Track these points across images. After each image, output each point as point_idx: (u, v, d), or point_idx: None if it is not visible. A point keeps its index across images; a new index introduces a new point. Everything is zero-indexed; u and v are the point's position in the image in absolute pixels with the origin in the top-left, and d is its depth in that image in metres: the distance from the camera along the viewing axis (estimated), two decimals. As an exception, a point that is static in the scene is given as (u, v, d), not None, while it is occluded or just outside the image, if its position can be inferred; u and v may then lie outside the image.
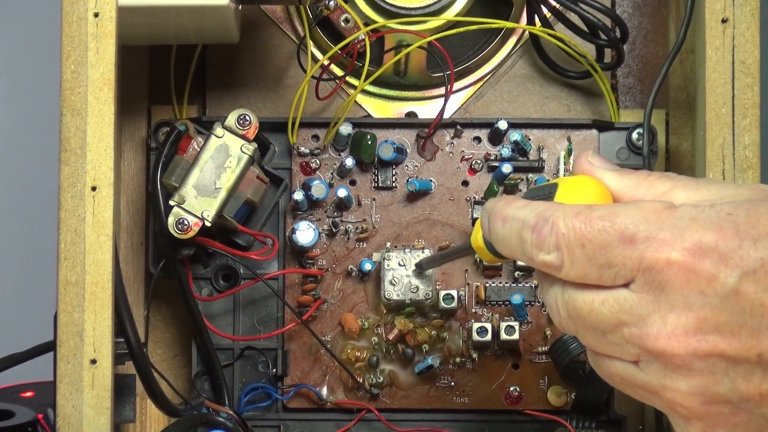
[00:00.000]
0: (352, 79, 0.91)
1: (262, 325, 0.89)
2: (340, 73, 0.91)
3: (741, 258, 0.54)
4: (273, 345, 0.89)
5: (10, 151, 1.62)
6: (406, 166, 0.90)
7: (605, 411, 0.89)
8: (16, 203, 1.61)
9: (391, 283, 0.87)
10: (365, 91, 0.92)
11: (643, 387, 0.58)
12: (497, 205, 0.62)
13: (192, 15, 0.81)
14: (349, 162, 0.88)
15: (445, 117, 0.89)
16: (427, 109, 0.93)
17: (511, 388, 0.89)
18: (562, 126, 0.90)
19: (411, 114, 0.93)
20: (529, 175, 0.89)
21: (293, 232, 0.87)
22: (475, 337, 0.88)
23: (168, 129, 0.86)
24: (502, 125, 0.88)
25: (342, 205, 0.89)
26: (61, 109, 0.77)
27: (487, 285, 0.89)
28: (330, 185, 0.89)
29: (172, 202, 0.83)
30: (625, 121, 0.91)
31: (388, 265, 0.87)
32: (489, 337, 0.88)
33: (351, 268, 0.89)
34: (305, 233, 0.87)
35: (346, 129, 0.88)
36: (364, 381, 0.89)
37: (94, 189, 0.77)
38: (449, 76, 0.89)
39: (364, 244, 0.89)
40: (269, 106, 0.93)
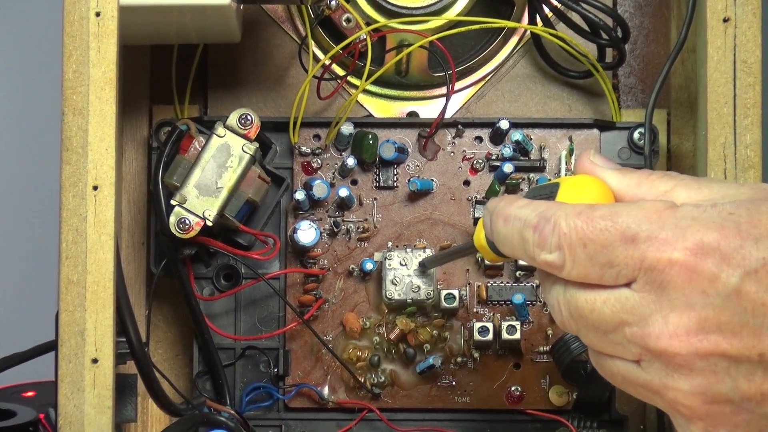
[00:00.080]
0: (353, 79, 0.91)
1: (263, 325, 0.89)
2: (342, 72, 0.91)
3: (743, 258, 0.54)
4: (274, 344, 0.89)
5: (11, 151, 1.62)
6: (408, 165, 0.90)
7: (607, 410, 0.89)
8: (18, 203, 1.61)
9: (392, 283, 0.87)
10: (367, 91, 0.92)
11: (644, 386, 0.58)
12: (499, 204, 0.62)
13: (193, 14, 0.81)
14: (350, 161, 0.88)
15: (447, 116, 0.89)
16: (428, 109, 0.93)
17: (512, 388, 0.89)
18: (563, 126, 0.89)
19: (412, 114, 0.93)
20: (531, 174, 0.89)
21: (295, 231, 0.87)
22: (477, 337, 0.88)
23: (169, 129, 0.86)
24: (504, 125, 0.88)
25: (343, 205, 0.89)
26: (63, 109, 0.77)
27: (488, 284, 0.89)
28: (331, 185, 0.89)
29: (173, 202, 0.83)
30: (626, 121, 0.91)
31: (390, 265, 0.87)
32: (490, 336, 0.88)
33: (352, 268, 0.89)
34: (307, 233, 0.87)
35: (347, 128, 0.88)
36: (366, 381, 0.89)
37: (95, 188, 0.77)
38: (451, 75, 0.89)
39: (366, 244, 0.89)
40: (271, 106, 0.93)
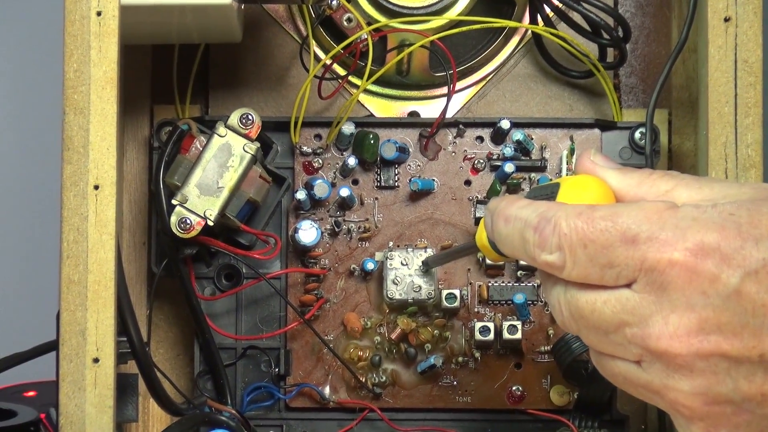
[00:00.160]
0: (354, 79, 0.91)
1: (264, 325, 0.89)
2: (343, 72, 0.91)
3: (743, 258, 0.54)
4: (275, 344, 0.89)
5: (12, 150, 1.62)
6: (409, 165, 0.90)
7: (608, 410, 0.89)
8: (19, 203, 1.61)
9: (393, 283, 0.87)
10: (368, 91, 0.92)
11: (645, 387, 0.58)
12: (500, 204, 0.62)
13: (195, 14, 0.81)
14: (351, 161, 0.88)
15: (448, 116, 0.89)
16: (429, 109, 0.92)
17: (513, 388, 0.89)
18: (564, 125, 0.89)
19: (413, 113, 0.93)
20: (532, 174, 0.89)
21: (296, 231, 0.87)
22: (478, 337, 0.88)
23: (170, 128, 0.86)
24: (505, 125, 0.88)
25: (344, 205, 0.89)
26: (64, 108, 0.77)
27: (489, 284, 0.89)
28: (332, 184, 0.89)
29: (174, 202, 0.83)
30: (627, 121, 0.91)
31: (391, 265, 0.87)
32: (491, 336, 0.88)
33: (353, 268, 0.89)
34: (308, 232, 0.87)
35: (348, 128, 0.88)
36: (367, 380, 0.89)
37: (96, 188, 0.77)
38: (452, 75, 0.89)
39: (367, 244, 0.89)
40: (272, 106, 0.93)
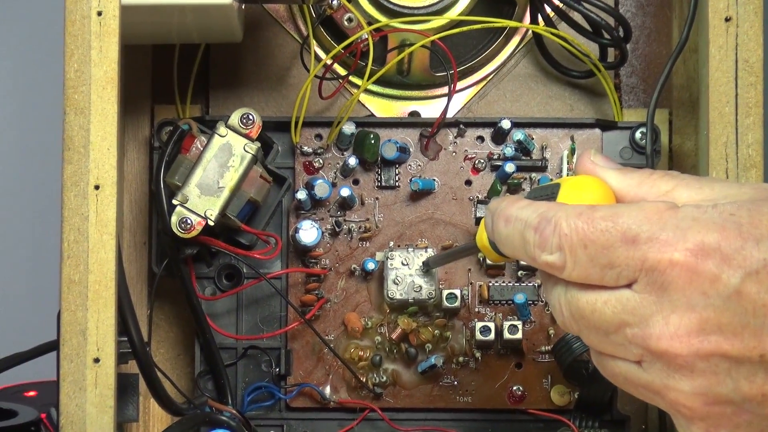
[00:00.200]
0: (355, 79, 0.91)
1: (265, 325, 0.89)
2: (344, 72, 0.91)
3: (744, 258, 0.54)
4: (276, 344, 0.89)
5: (13, 150, 1.62)
6: (409, 165, 0.90)
7: (608, 410, 0.89)
8: (19, 202, 1.61)
9: (394, 283, 0.87)
10: (368, 91, 0.92)
11: (645, 387, 0.58)
12: (500, 205, 0.62)
13: (195, 14, 0.81)
14: (352, 161, 0.88)
15: (449, 116, 0.89)
16: (430, 109, 0.92)
17: (514, 388, 0.89)
18: (565, 125, 0.89)
19: (414, 113, 0.93)
20: (532, 174, 0.89)
21: (296, 231, 0.87)
22: (478, 337, 0.88)
23: (171, 128, 0.86)
24: (506, 124, 0.88)
25: (345, 205, 0.89)
26: (65, 108, 0.77)
27: (490, 284, 0.89)
28: (333, 184, 0.89)
29: (175, 201, 0.83)
30: (628, 121, 0.91)
31: (392, 265, 0.87)
32: (492, 336, 0.88)
33: (354, 268, 0.89)
34: (308, 232, 0.87)
35: (349, 128, 0.88)
36: (367, 380, 0.89)
37: (97, 188, 0.77)
38: (452, 75, 0.89)
39: (367, 244, 0.89)
40: (272, 106, 0.93)
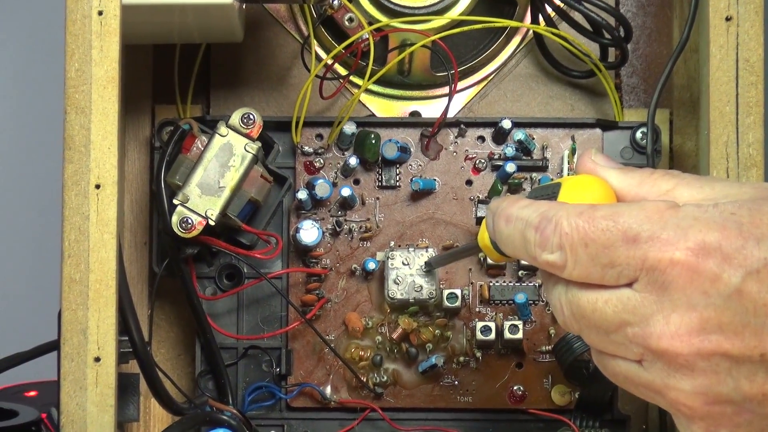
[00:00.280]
0: (356, 79, 0.91)
1: (265, 324, 0.89)
2: (344, 72, 0.91)
3: (744, 258, 0.54)
4: (277, 344, 0.89)
5: (14, 149, 1.63)
6: (410, 165, 0.90)
7: (609, 410, 0.88)
8: (20, 201, 1.61)
9: (395, 282, 0.87)
10: (369, 91, 0.92)
11: (646, 386, 0.58)
12: (501, 204, 0.62)
13: (196, 13, 0.81)
14: (352, 161, 0.88)
15: (449, 116, 0.89)
16: (430, 109, 0.92)
17: (514, 387, 0.89)
18: (565, 125, 0.89)
19: (415, 113, 0.93)
20: (533, 174, 0.89)
21: (297, 231, 0.87)
22: (479, 336, 0.88)
23: (172, 128, 0.86)
24: (506, 124, 0.88)
25: (346, 204, 0.89)
26: (65, 107, 0.77)
27: (490, 284, 0.89)
28: (334, 184, 0.89)
29: (176, 201, 0.83)
30: (629, 121, 0.91)
31: (392, 264, 0.87)
32: (493, 336, 0.88)
33: (355, 267, 0.89)
34: (309, 232, 0.87)
35: (350, 128, 0.88)
36: (368, 380, 0.89)
37: (98, 187, 0.77)
38: (453, 75, 0.89)
39: (368, 243, 0.89)
40: (273, 106, 0.93)
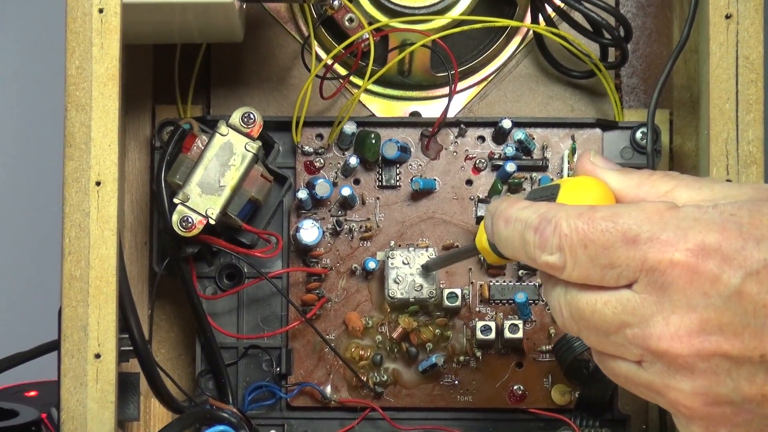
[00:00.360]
0: (356, 79, 0.91)
1: (266, 324, 0.89)
2: (345, 73, 0.91)
3: (744, 259, 0.54)
4: (277, 343, 0.89)
5: (14, 147, 1.63)
6: (410, 165, 0.90)
7: (609, 410, 0.89)
8: (21, 199, 1.61)
9: (395, 282, 0.87)
10: (370, 91, 0.92)
11: (646, 386, 0.58)
12: (500, 206, 0.62)
13: (196, 12, 0.81)
14: (353, 161, 0.88)
15: (449, 116, 0.89)
16: (431, 109, 0.92)
17: (514, 387, 0.89)
18: (565, 125, 0.89)
19: (415, 114, 0.93)
20: (533, 174, 0.89)
21: (297, 230, 0.87)
22: (479, 336, 0.88)
23: (172, 128, 0.86)
24: (506, 124, 0.88)
25: (346, 204, 0.89)
26: (66, 105, 0.77)
27: (491, 283, 0.89)
28: (334, 184, 0.89)
29: (176, 200, 0.83)
30: (628, 121, 0.91)
31: (392, 264, 0.87)
32: (493, 335, 0.88)
33: (355, 267, 0.89)
34: (309, 231, 0.87)
35: (350, 128, 0.88)
36: (368, 379, 0.89)
37: (98, 184, 0.77)
38: (453, 75, 0.89)
39: (368, 243, 0.89)
40: (273, 106, 0.93)
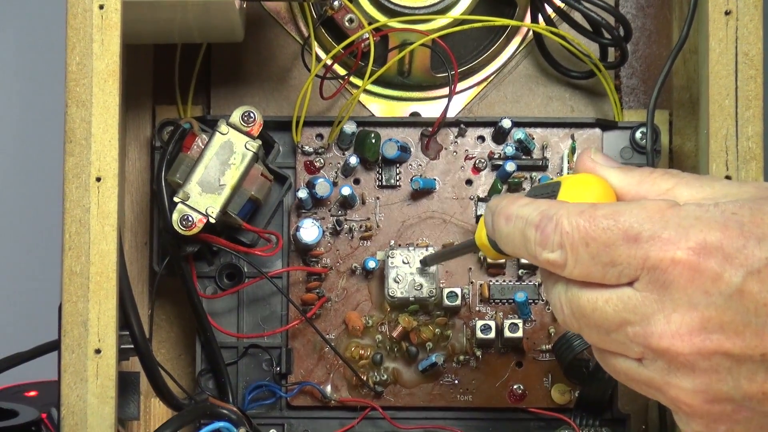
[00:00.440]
0: (356, 80, 0.91)
1: (266, 323, 0.89)
2: (345, 73, 0.91)
3: (746, 257, 0.54)
4: (277, 343, 0.89)
5: (15, 143, 1.62)
6: (410, 164, 0.90)
7: (609, 409, 0.88)
8: (21, 199, 1.61)
9: (395, 281, 0.87)
10: (370, 92, 0.92)
11: (646, 383, 0.58)
12: (501, 203, 0.62)
13: (196, 11, 0.81)
14: (353, 160, 0.88)
15: (449, 116, 0.89)
16: (431, 110, 0.92)
17: (514, 386, 0.89)
18: (565, 125, 0.90)
19: (415, 114, 0.93)
20: (533, 173, 0.89)
21: (297, 229, 0.87)
22: (479, 335, 0.88)
23: (172, 128, 0.86)
24: (506, 124, 0.88)
25: (346, 204, 0.89)
26: (66, 101, 0.77)
27: (490, 283, 0.89)
28: (334, 184, 0.89)
29: (176, 199, 0.83)
30: (628, 120, 0.91)
31: (392, 263, 0.87)
32: (493, 334, 0.88)
33: (355, 266, 0.89)
34: (309, 231, 0.87)
35: (350, 127, 0.88)
36: (368, 379, 0.89)
37: (98, 180, 0.77)
38: (453, 75, 0.89)
39: (368, 243, 0.89)
40: (273, 106, 0.93)
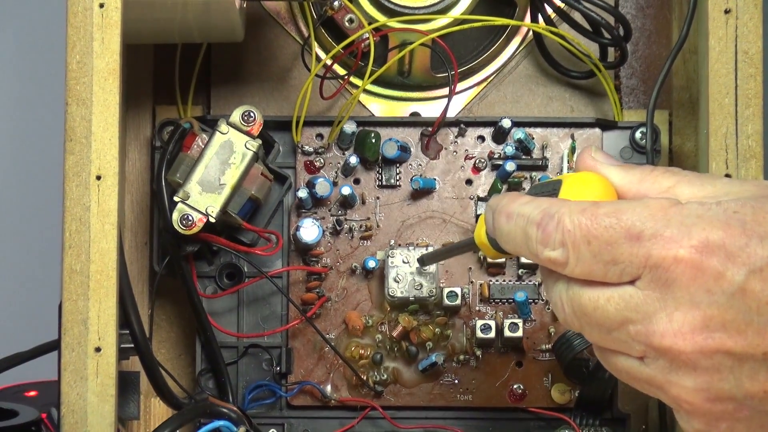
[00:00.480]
0: (356, 80, 0.91)
1: (266, 323, 0.89)
2: (345, 73, 0.91)
3: (748, 256, 0.54)
4: (277, 342, 0.89)
5: (15, 141, 1.62)
6: (410, 164, 0.90)
7: (609, 408, 0.88)
8: (21, 199, 1.61)
9: (395, 281, 0.87)
10: (370, 92, 0.92)
11: (648, 382, 0.58)
12: (502, 201, 0.62)
13: (197, 10, 0.81)
14: (353, 160, 0.88)
15: (449, 116, 0.89)
16: (431, 110, 0.92)
17: (514, 386, 0.89)
18: (565, 125, 0.90)
19: (415, 114, 0.93)
20: (533, 173, 0.89)
21: (297, 229, 0.87)
22: (479, 335, 0.88)
23: (172, 128, 0.86)
24: (506, 123, 0.88)
25: (346, 203, 0.89)
26: (67, 99, 0.77)
27: (490, 282, 0.89)
28: (334, 183, 0.89)
29: (176, 198, 0.83)
30: (628, 120, 0.91)
31: (392, 263, 0.87)
32: (493, 334, 0.88)
33: (355, 266, 0.89)
34: (309, 230, 0.87)
35: (350, 127, 0.88)
36: (368, 378, 0.89)
37: (98, 178, 0.77)
38: (453, 75, 0.89)
39: (368, 242, 0.89)
40: (273, 106, 0.93)
